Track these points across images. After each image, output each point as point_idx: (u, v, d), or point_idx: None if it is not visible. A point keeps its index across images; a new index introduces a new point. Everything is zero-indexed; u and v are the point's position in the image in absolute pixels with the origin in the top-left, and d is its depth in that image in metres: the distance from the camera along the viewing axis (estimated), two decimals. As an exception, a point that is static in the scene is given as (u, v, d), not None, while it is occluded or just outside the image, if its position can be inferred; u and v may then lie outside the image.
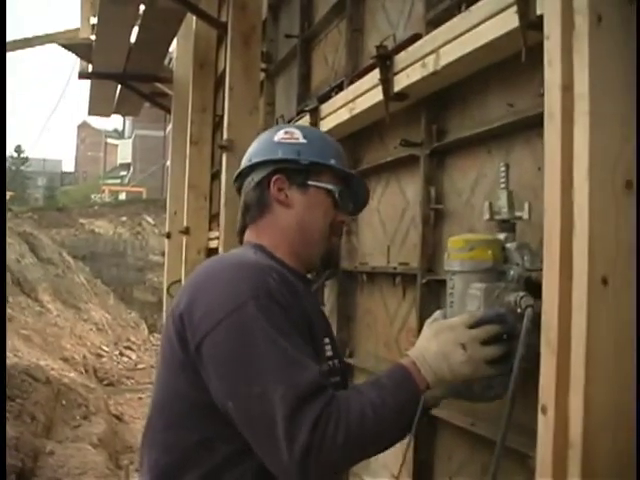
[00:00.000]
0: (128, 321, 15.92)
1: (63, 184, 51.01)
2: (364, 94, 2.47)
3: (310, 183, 1.63)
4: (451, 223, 2.19)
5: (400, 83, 2.20)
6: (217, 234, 4.62)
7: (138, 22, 5.74)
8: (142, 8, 5.48)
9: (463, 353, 1.41)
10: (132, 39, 6.10)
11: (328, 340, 1.62)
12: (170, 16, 5.36)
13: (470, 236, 1.65)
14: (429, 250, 2.26)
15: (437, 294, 2.19)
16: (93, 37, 6.40)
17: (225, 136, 3.84)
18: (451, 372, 1.41)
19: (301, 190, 1.63)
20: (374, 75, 2.32)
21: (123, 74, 6.82)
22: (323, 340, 1.60)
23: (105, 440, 7.18)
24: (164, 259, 6.86)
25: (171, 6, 4.80)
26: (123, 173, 43.88)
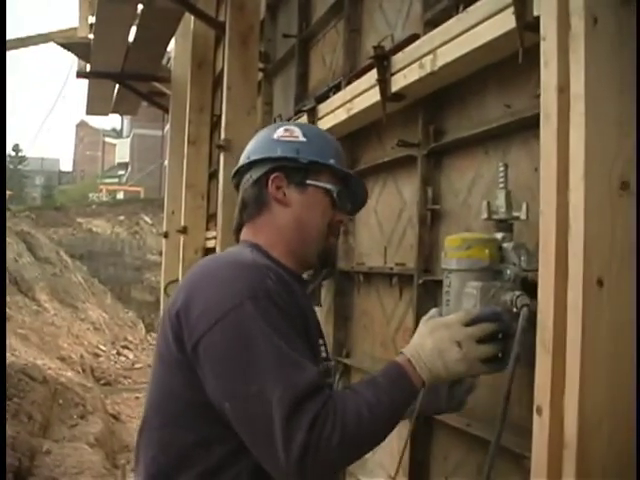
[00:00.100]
0: (125, 320, 15.92)
1: (61, 183, 51.02)
2: (361, 94, 2.48)
3: (309, 182, 1.62)
4: (448, 223, 2.19)
5: (397, 83, 2.20)
6: (214, 234, 4.62)
7: (136, 21, 5.74)
8: (140, 7, 5.47)
9: (458, 351, 1.40)
10: (130, 38, 6.09)
11: (322, 341, 1.63)
12: (168, 16, 5.35)
13: (467, 235, 1.65)
14: (426, 250, 2.26)
15: (434, 294, 2.19)
16: (91, 36, 6.39)
17: (223, 136, 3.84)
18: (446, 370, 1.41)
19: (299, 189, 1.62)
20: (372, 75, 2.33)
21: (121, 73, 6.80)
22: (318, 341, 1.60)
23: (102, 439, 7.18)
24: (161, 258, 6.85)
25: (169, 6, 4.79)
26: (121, 172, 43.87)
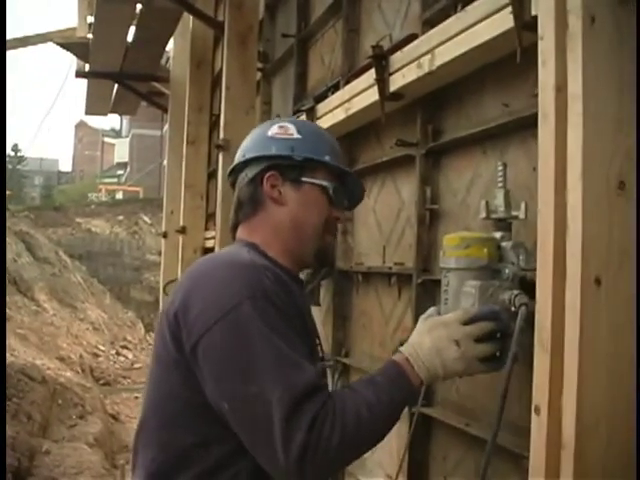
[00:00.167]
0: (125, 320, 15.91)
1: (60, 183, 51.00)
2: (360, 94, 2.47)
3: (304, 179, 1.61)
4: (446, 223, 2.19)
5: (396, 83, 2.20)
6: (213, 233, 4.61)
7: (135, 21, 5.73)
8: (139, 7, 5.47)
9: (456, 350, 1.40)
10: (129, 38, 6.09)
11: (318, 341, 1.63)
12: (167, 15, 5.34)
13: (466, 234, 1.65)
14: (424, 250, 2.26)
15: (432, 294, 2.19)
16: (90, 36, 6.38)
17: (222, 135, 3.83)
18: (444, 368, 1.41)
19: (295, 186, 1.61)
20: (370, 75, 2.32)
21: (120, 73, 6.79)
22: (315, 341, 1.60)
23: (101, 439, 7.18)
24: (160, 258, 6.85)
25: (168, 5, 4.78)
26: (120, 172, 43.88)
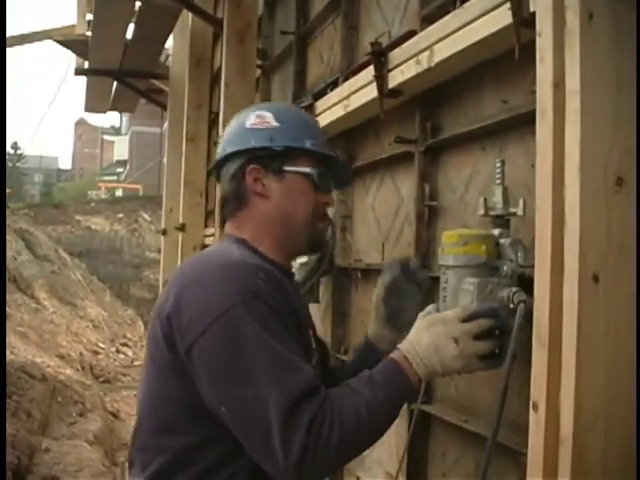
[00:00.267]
0: (124, 318, 15.91)
1: (59, 181, 50.98)
2: (359, 91, 2.47)
3: (286, 169, 1.57)
4: (445, 220, 2.19)
5: (394, 80, 2.19)
6: (213, 231, 4.62)
7: (134, 19, 5.73)
8: (138, 4, 5.47)
9: (455, 347, 1.40)
10: (128, 36, 6.09)
11: (311, 332, 1.62)
12: (166, 13, 5.35)
13: (464, 231, 1.65)
14: (423, 247, 2.26)
15: (431, 291, 2.19)
16: (89, 33, 6.38)
17: (221, 133, 3.82)
18: (442, 366, 1.40)
19: (278, 177, 1.57)
20: (369, 72, 2.32)
21: (119, 70, 6.79)
22: (309, 333, 1.59)
23: (101, 437, 7.18)
24: (160, 256, 6.85)
25: (167, 3, 4.79)
26: (120, 170, 43.85)
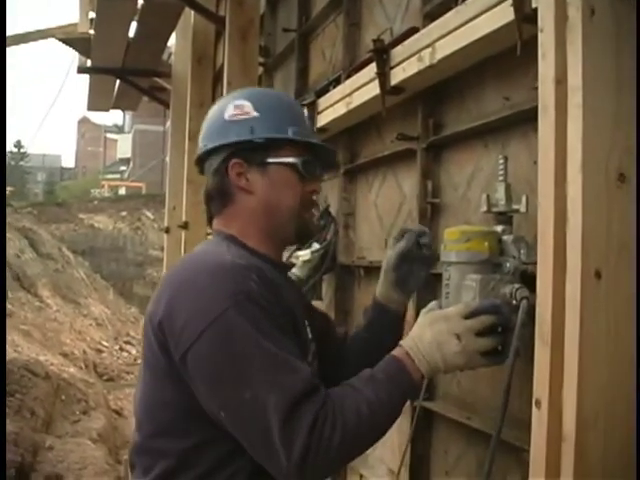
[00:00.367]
0: (128, 316, 15.94)
1: (63, 179, 51.00)
2: (361, 88, 2.47)
3: (269, 161, 1.54)
4: (447, 217, 2.18)
5: (397, 77, 2.19)
6: (215, 229, 4.62)
7: (136, 17, 5.73)
8: (140, 3, 5.47)
9: (457, 343, 1.40)
10: (131, 34, 6.09)
11: (307, 322, 1.60)
12: (168, 11, 5.34)
13: (466, 227, 1.65)
14: (426, 244, 2.26)
15: (433, 288, 2.19)
16: (92, 32, 6.38)
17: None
18: (444, 362, 1.40)
19: (261, 170, 1.54)
20: (371, 69, 2.32)
21: (122, 69, 6.79)
22: (304, 323, 1.57)
23: (104, 435, 7.20)
24: (163, 254, 6.85)
25: (169, 1, 4.80)
26: (123, 168, 43.87)
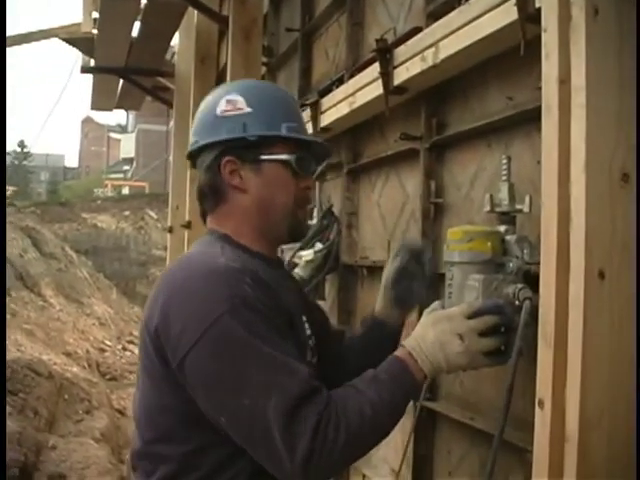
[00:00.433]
0: (131, 315, 15.92)
1: (66, 179, 51.03)
2: (364, 88, 2.47)
3: (263, 158, 1.51)
4: (451, 217, 2.18)
5: (400, 76, 2.19)
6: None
7: (140, 16, 5.74)
8: (143, 2, 5.48)
9: (460, 344, 1.39)
10: (134, 33, 6.10)
11: (305, 318, 1.59)
12: (171, 10, 5.36)
13: (469, 227, 1.65)
14: (429, 244, 2.26)
15: (437, 288, 2.19)
16: (95, 31, 6.39)
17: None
18: (447, 362, 1.40)
19: (255, 167, 1.51)
20: (374, 69, 2.32)
21: (125, 68, 6.80)
22: (302, 318, 1.57)
23: (108, 434, 7.18)
24: (166, 253, 6.86)
25: (172, 0, 4.80)
26: (126, 167, 43.89)
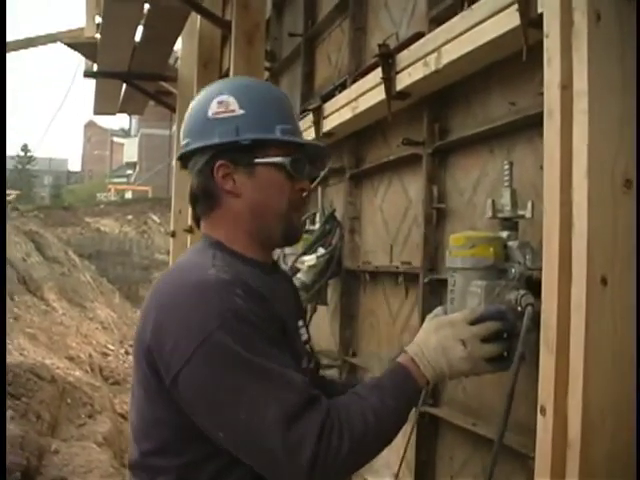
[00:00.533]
0: (134, 319, 15.87)
1: (69, 183, 51.12)
2: (367, 93, 2.47)
3: (257, 161, 1.47)
4: (453, 222, 2.18)
5: (402, 82, 2.19)
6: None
7: (142, 21, 5.75)
8: (147, 7, 5.49)
9: (463, 349, 1.39)
10: (137, 38, 6.11)
11: (302, 322, 1.58)
12: (174, 15, 5.36)
13: (471, 233, 1.65)
14: (431, 249, 2.26)
15: (439, 293, 2.19)
16: (98, 36, 6.40)
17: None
18: (450, 368, 1.40)
19: (248, 171, 1.47)
20: (377, 74, 2.32)
21: (128, 73, 6.81)
22: (297, 324, 1.55)
23: (110, 439, 7.17)
24: (169, 257, 6.86)
25: (175, 5, 4.79)
26: (129, 172, 43.93)
